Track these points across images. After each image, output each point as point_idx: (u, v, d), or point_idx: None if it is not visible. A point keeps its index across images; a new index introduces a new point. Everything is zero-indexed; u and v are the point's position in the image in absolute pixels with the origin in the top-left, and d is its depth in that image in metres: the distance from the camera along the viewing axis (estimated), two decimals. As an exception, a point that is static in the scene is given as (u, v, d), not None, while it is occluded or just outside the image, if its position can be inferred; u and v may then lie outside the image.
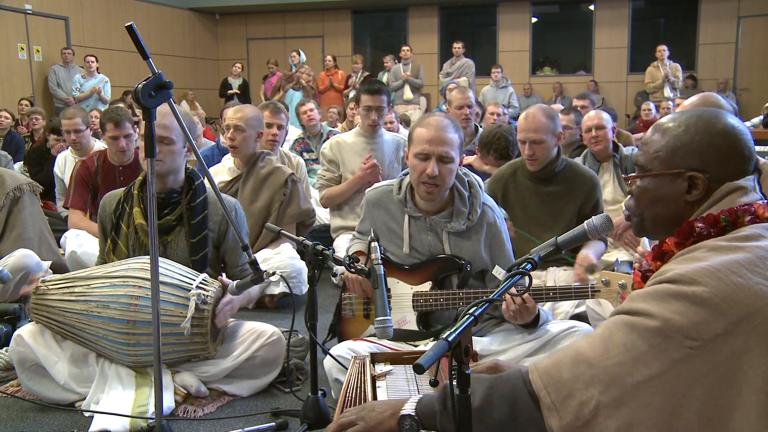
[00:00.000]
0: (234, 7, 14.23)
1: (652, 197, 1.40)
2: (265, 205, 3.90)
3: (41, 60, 11.10)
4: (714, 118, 1.37)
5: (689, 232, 1.32)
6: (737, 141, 1.34)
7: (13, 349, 2.51)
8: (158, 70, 1.85)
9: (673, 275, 1.23)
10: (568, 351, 1.31)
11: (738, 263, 1.20)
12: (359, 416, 1.46)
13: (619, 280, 2.27)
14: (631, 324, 1.24)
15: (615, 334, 1.25)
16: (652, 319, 1.21)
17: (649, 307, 1.22)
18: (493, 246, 2.56)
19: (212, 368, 2.59)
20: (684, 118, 1.39)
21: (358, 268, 2.05)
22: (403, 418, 1.41)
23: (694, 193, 1.34)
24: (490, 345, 2.47)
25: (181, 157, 2.68)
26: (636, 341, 1.21)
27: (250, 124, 3.91)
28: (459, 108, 4.88)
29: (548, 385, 1.29)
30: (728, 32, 12.46)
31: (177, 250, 2.70)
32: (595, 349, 1.26)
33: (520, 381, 1.33)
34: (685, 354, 1.17)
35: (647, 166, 1.40)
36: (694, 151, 1.34)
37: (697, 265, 1.22)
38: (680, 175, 1.35)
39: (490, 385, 1.34)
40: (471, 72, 10.78)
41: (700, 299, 1.17)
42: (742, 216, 1.30)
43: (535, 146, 3.21)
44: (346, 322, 2.69)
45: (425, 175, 2.40)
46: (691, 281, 1.19)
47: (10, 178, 3.54)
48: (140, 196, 2.69)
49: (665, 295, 1.21)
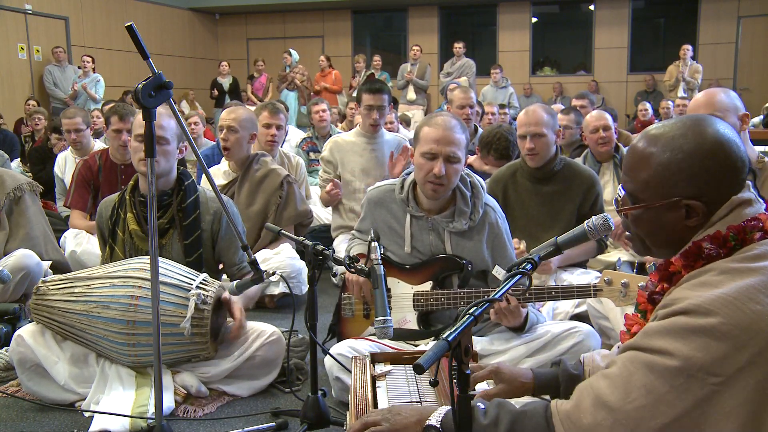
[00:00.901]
0: (234, 7, 14.23)
1: (650, 227, 1.35)
2: (261, 208, 3.89)
3: (41, 60, 11.10)
4: (700, 135, 1.28)
5: (697, 254, 1.27)
6: (728, 156, 1.27)
7: (13, 350, 2.51)
8: (158, 70, 1.85)
9: (688, 306, 1.18)
10: (588, 393, 1.26)
11: (754, 288, 1.16)
12: (384, 418, 1.45)
13: (621, 279, 2.26)
14: (650, 364, 1.19)
15: (634, 375, 1.20)
16: (671, 359, 1.16)
17: (666, 345, 1.18)
18: (495, 246, 2.56)
19: (212, 369, 2.59)
20: (668, 140, 1.30)
21: (358, 268, 2.04)
22: (428, 428, 1.39)
23: (694, 219, 1.29)
24: (491, 345, 2.48)
25: (175, 158, 2.67)
26: (656, 382, 1.17)
27: (243, 126, 3.89)
28: (461, 108, 4.88)
29: (570, 430, 1.25)
30: (728, 32, 12.47)
31: (172, 252, 2.70)
32: (615, 393, 1.21)
33: (543, 421, 1.29)
34: (710, 391, 1.14)
35: (639, 197, 1.34)
36: (687, 178, 1.27)
37: (711, 293, 1.17)
38: (677, 203, 1.29)
39: (514, 419, 1.31)
40: (471, 72, 10.77)
41: (720, 333, 1.13)
42: (751, 232, 1.25)
43: (535, 140, 3.22)
44: (345, 322, 2.69)
45: (432, 174, 2.40)
46: (707, 312, 1.15)
47: (10, 178, 3.54)
48: (132, 201, 2.68)
49: (683, 330, 1.17)
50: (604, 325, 2.91)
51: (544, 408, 1.32)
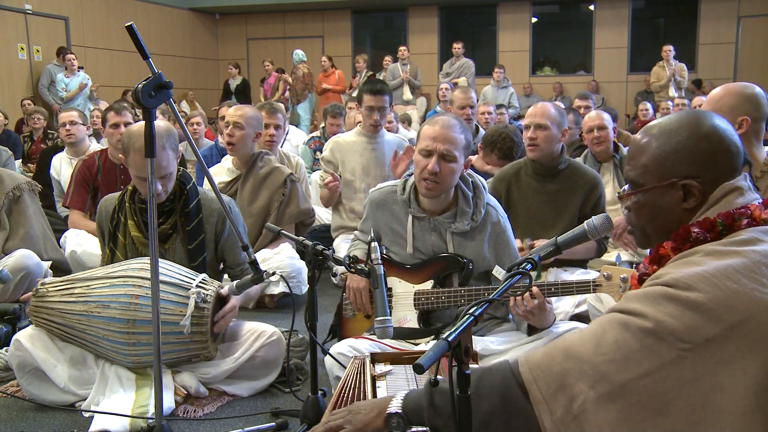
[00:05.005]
0: (234, 7, 14.23)
1: (650, 211, 1.39)
2: (264, 205, 3.90)
3: (41, 60, 11.10)
4: (697, 120, 1.35)
5: (686, 237, 1.32)
6: (723, 140, 1.33)
7: (12, 354, 2.50)
8: (158, 70, 1.84)
9: (669, 279, 1.23)
10: (559, 345, 1.31)
11: (734, 269, 1.20)
12: (346, 419, 1.46)
13: (621, 274, 2.26)
14: (624, 323, 1.24)
15: (608, 332, 1.25)
16: (645, 320, 1.21)
17: (643, 308, 1.22)
18: (497, 245, 2.56)
19: (213, 370, 2.58)
20: (665, 126, 1.37)
21: (358, 268, 2.04)
22: (390, 416, 1.41)
23: (691, 201, 1.34)
24: (491, 345, 2.47)
25: (175, 165, 2.65)
26: (628, 340, 1.22)
27: (250, 123, 3.91)
28: (461, 108, 4.89)
29: (538, 378, 1.28)
30: (728, 32, 12.47)
31: (175, 257, 2.70)
32: (587, 345, 1.26)
33: (509, 373, 1.33)
34: (677, 356, 1.18)
35: (639, 181, 1.39)
36: (683, 159, 1.33)
37: (693, 270, 1.22)
38: (674, 185, 1.34)
39: (479, 377, 1.34)
40: (471, 72, 10.78)
41: (695, 304, 1.18)
42: (739, 219, 1.29)
43: (538, 131, 3.23)
44: (347, 322, 2.69)
45: (426, 170, 2.40)
46: (687, 287, 1.20)
47: (9, 177, 3.54)
48: (132, 209, 2.67)
49: (660, 297, 1.22)
50: (604, 325, 2.90)
51: (507, 362, 1.37)
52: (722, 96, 2.50)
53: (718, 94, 2.52)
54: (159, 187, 2.54)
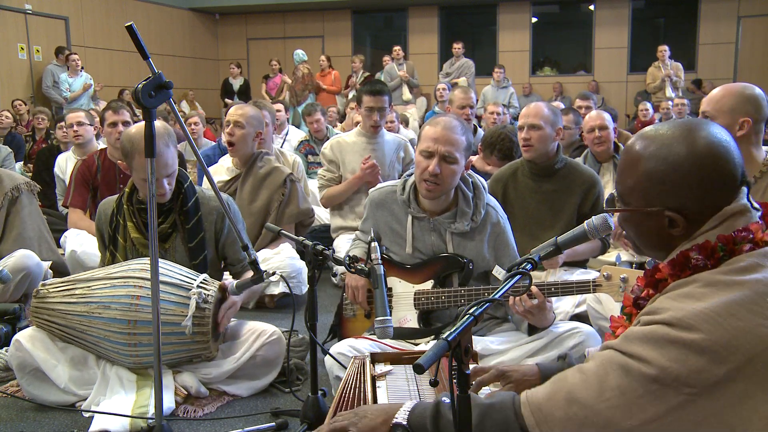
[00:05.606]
0: (234, 7, 14.23)
1: (636, 229, 1.36)
2: (264, 204, 3.91)
3: (41, 60, 11.09)
4: (691, 145, 1.26)
5: (684, 263, 1.26)
6: (719, 167, 1.25)
7: (12, 354, 2.50)
8: (158, 70, 1.85)
9: (670, 318, 1.18)
10: (561, 386, 1.27)
11: (736, 304, 1.15)
12: (351, 422, 1.45)
13: (620, 274, 2.25)
14: (626, 367, 1.20)
15: (610, 375, 1.21)
16: (648, 366, 1.17)
17: (644, 352, 1.18)
18: (497, 245, 2.56)
19: (214, 370, 2.59)
20: (658, 147, 1.29)
21: (358, 268, 2.04)
22: (395, 426, 1.40)
23: (676, 230, 1.28)
24: (491, 345, 2.47)
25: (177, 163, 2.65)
26: (632, 385, 1.18)
27: (250, 123, 3.92)
28: (461, 108, 4.89)
29: (540, 423, 1.26)
30: (728, 32, 12.47)
31: (176, 256, 2.70)
32: (589, 390, 1.22)
33: (512, 413, 1.30)
34: (684, 400, 1.14)
35: (626, 199, 1.35)
36: (669, 190, 1.27)
37: (694, 307, 1.17)
38: (659, 213, 1.28)
39: (483, 412, 1.31)
40: (471, 72, 10.78)
41: (699, 348, 1.13)
42: (740, 243, 1.24)
43: (531, 131, 3.23)
44: (347, 322, 2.69)
45: (427, 172, 2.40)
46: (689, 327, 1.15)
47: (8, 177, 3.54)
48: (131, 210, 2.67)
49: (662, 340, 1.17)
50: (603, 326, 2.90)
51: (512, 400, 1.33)
52: (722, 97, 2.49)
53: (718, 94, 2.51)
54: (166, 185, 2.56)
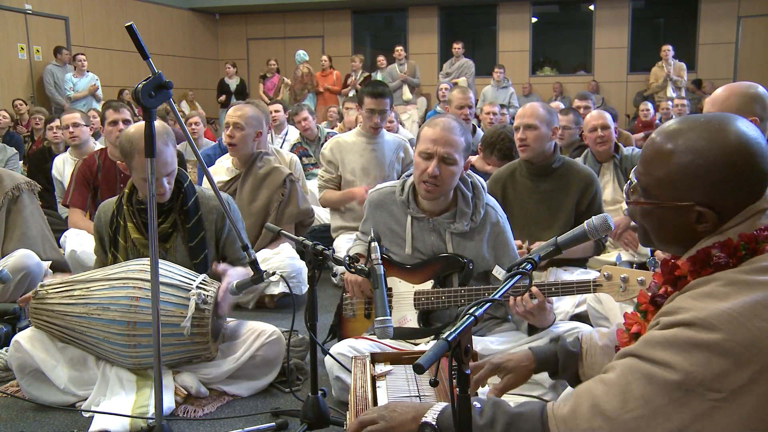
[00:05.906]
0: (234, 7, 14.23)
1: (658, 223, 1.32)
2: (263, 204, 3.91)
3: (41, 60, 11.10)
4: (724, 140, 1.23)
5: (705, 260, 1.24)
6: (750, 165, 1.23)
7: (11, 355, 2.50)
8: (158, 70, 1.85)
9: (692, 318, 1.16)
10: (585, 399, 1.25)
11: (760, 304, 1.14)
12: (380, 415, 1.44)
13: (621, 274, 2.25)
14: (649, 375, 1.18)
15: (632, 384, 1.19)
16: (671, 372, 1.15)
17: (667, 357, 1.16)
18: (497, 246, 2.56)
19: (214, 370, 2.58)
20: (690, 140, 1.26)
21: (358, 268, 2.04)
22: (425, 425, 1.38)
23: (704, 225, 1.26)
24: (491, 345, 2.47)
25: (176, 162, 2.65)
26: (655, 394, 1.16)
27: (250, 123, 3.93)
28: (459, 108, 4.89)
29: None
30: (728, 32, 12.47)
31: (177, 255, 2.70)
32: (613, 401, 1.20)
33: (539, 423, 1.29)
34: (710, 407, 1.12)
35: (652, 192, 1.30)
36: (702, 185, 1.24)
37: (716, 307, 1.15)
38: (689, 208, 1.25)
39: (510, 421, 1.30)
40: (470, 72, 10.78)
41: (722, 349, 1.12)
42: (762, 242, 1.22)
43: (527, 131, 3.24)
44: (347, 322, 2.69)
45: (426, 173, 2.40)
46: (711, 327, 1.13)
47: (8, 177, 3.54)
48: (130, 211, 2.67)
49: (685, 344, 1.15)
50: (603, 326, 2.90)
51: (540, 410, 1.31)
52: (728, 97, 2.47)
53: (723, 94, 2.50)
54: (165, 184, 2.57)
